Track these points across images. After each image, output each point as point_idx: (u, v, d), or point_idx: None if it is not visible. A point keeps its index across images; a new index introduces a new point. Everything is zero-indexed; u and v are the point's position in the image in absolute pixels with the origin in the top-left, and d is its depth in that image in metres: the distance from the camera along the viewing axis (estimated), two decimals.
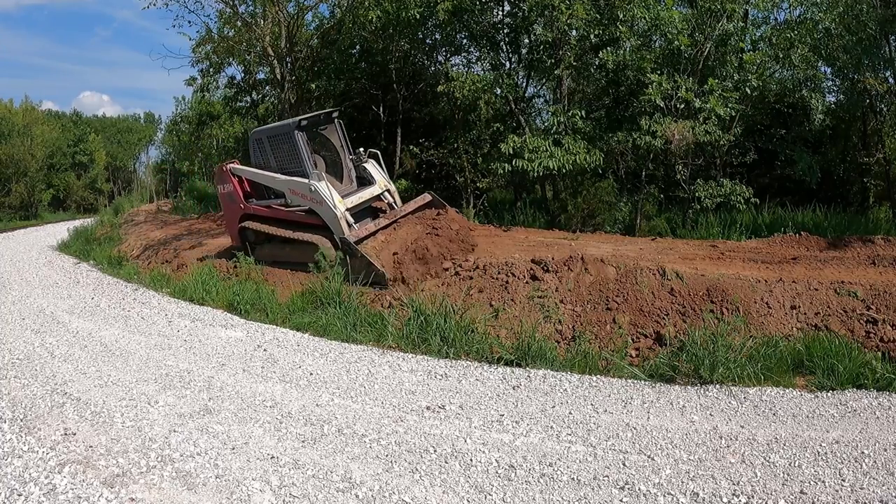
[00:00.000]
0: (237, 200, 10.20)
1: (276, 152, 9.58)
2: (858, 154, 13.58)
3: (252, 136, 10.10)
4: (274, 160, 9.64)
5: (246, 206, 10.12)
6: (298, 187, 9.22)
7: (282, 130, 9.53)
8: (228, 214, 10.56)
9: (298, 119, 9.58)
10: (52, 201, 36.92)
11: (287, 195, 9.42)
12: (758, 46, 12.09)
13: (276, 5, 13.10)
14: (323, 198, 8.95)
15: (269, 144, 9.64)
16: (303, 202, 9.24)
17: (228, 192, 10.30)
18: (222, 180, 10.41)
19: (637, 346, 6.07)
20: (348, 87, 15.38)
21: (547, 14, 10.87)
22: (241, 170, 10.29)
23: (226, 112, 20.68)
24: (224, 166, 10.39)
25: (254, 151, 9.99)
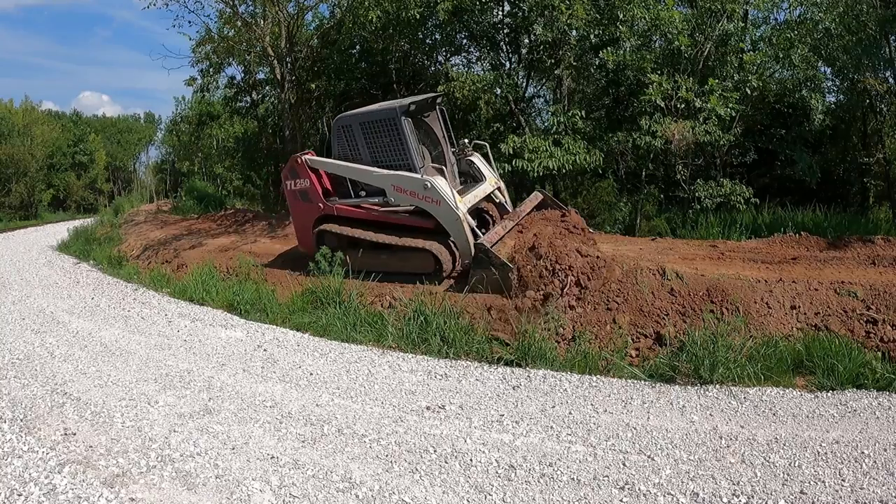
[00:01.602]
0: (315, 199, 8.76)
1: (372, 142, 8.25)
2: (858, 154, 13.60)
3: (337, 123, 8.64)
4: (367, 151, 8.32)
5: (327, 205, 8.70)
6: (408, 184, 7.90)
7: (382, 116, 8.15)
8: (300, 215, 9.11)
9: (407, 102, 8.18)
10: (52, 201, 36.92)
11: (389, 193, 8.12)
12: (758, 46, 12.10)
13: (276, 5, 13.10)
14: (442, 196, 7.72)
15: (363, 132, 8.29)
16: (411, 201, 7.98)
17: (303, 188, 8.84)
18: (295, 174, 8.92)
19: (637, 346, 6.07)
20: (348, 87, 15.37)
21: (547, 14, 10.87)
22: (322, 162, 8.83)
23: (226, 112, 20.68)
24: (299, 158, 8.91)
25: (338, 140, 8.60)
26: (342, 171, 8.55)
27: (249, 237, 12.33)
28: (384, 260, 8.25)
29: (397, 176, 8.01)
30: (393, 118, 7.99)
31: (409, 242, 7.98)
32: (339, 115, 8.87)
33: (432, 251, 7.82)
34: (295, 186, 8.96)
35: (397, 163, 8.11)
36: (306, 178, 8.80)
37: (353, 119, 8.45)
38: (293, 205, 9.20)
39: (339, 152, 8.61)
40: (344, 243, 8.53)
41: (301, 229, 9.24)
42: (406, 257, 8.02)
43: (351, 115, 8.64)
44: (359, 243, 8.45)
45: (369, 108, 8.78)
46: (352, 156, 8.49)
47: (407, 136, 7.95)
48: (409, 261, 7.97)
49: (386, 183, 8.11)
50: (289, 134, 14.40)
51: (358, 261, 8.24)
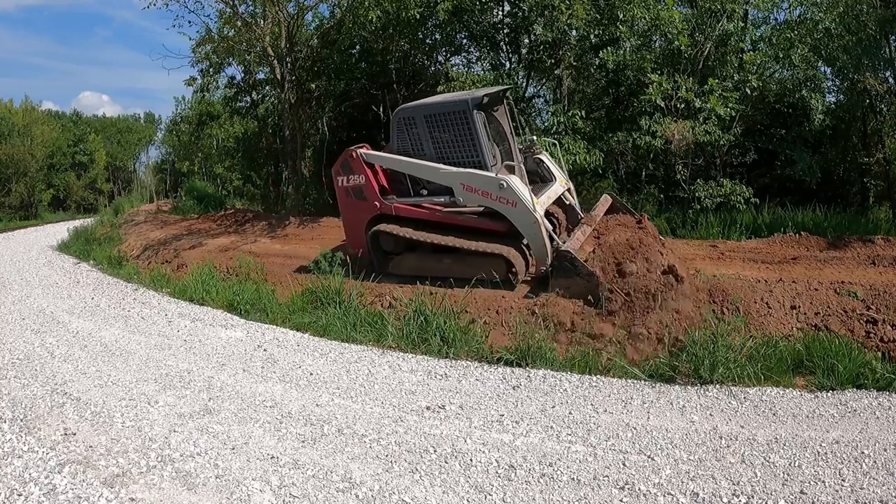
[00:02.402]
0: (370, 197, 8.09)
1: (438, 136, 7.66)
2: (858, 154, 13.60)
3: (398, 115, 8.00)
4: (432, 146, 7.71)
5: (384, 204, 8.04)
6: (480, 183, 7.32)
7: (451, 108, 7.55)
8: (352, 214, 8.39)
9: (480, 94, 7.59)
10: (52, 201, 36.91)
11: (457, 192, 7.50)
12: (758, 46, 12.11)
13: (276, 5, 13.09)
14: (518, 197, 7.12)
15: (427, 126, 7.68)
16: (483, 202, 7.40)
17: (357, 185, 8.17)
18: (349, 170, 8.22)
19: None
20: (348, 87, 15.37)
21: (547, 14, 10.88)
22: (379, 157, 8.16)
23: (226, 112, 20.67)
24: (354, 151, 8.21)
25: (398, 134, 7.98)
26: (403, 167, 7.90)
27: (249, 237, 12.32)
28: (448, 264, 7.61)
29: (468, 174, 7.42)
30: (464, 111, 7.42)
31: (480, 246, 7.36)
32: (401, 107, 8.18)
33: (507, 256, 7.27)
34: (347, 183, 8.25)
35: (466, 160, 7.55)
36: (361, 173, 8.13)
37: (417, 111, 7.80)
38: (344, 203, 8.46)
39: (399, 146, 7.99)
40: (401, 245, 8.01)
41: (352, 229, 8.50)
42: (475, 262, 7.37)
43: (414, 106, 7.98)
44: (417, 246, 7.90)
45: (436, 100, 8.16)
46: (413, 150, 7.87)
47: (478, 130, 7.41)
48: (478, 266, 7.31)
49: (454, 181, 7.50)
50: (289, 134, 14.39)
51: (415, 264, 7.79)
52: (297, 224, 12.72)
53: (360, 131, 16.50)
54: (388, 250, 8.14)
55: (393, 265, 8.09)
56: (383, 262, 8.19)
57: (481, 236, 7.50)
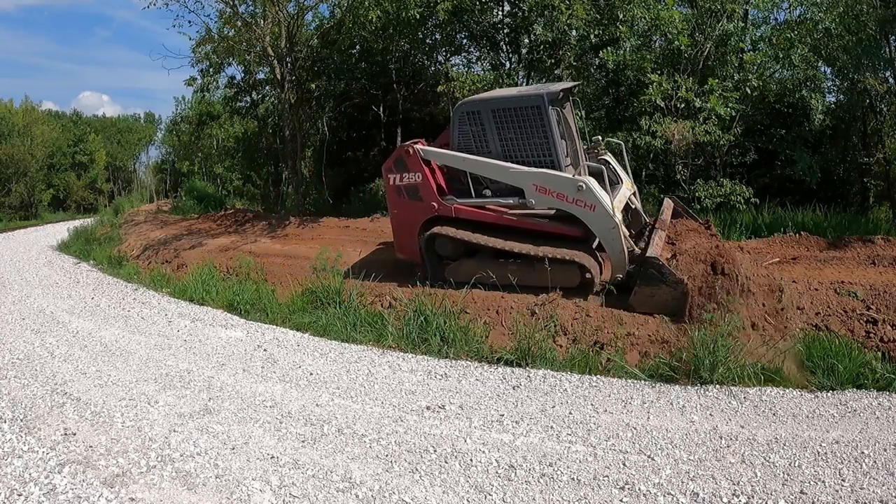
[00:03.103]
0: (428, 197, 7.49)
1: (506, 133, 7.15)
2: (858, 154, 13.61)
3: (461, 109, 7.44)
4: (499, 143, 7.19)
5: (443, 205, 7.46)
6: (556, 184, 6.81)
7: (524, 103, 7.02)
8: (404, 215, 7.76)
9: (557, 89, 7.14)
10: (52, 201, 36.93)
11: (528, 193, 7.00)
12: (758, 46, 12.12)
13: (276, 5, 13.10)
14: (598, 200, 6.68)
15: (495, 121, 7.15)
16: (557, 205, 6.90)
17: (412, 184, 7.56)
18: (403, 167, 7.59)
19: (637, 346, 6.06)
20: (348, 87, 15.39)
21: (547, 14, 10.88)
22: (440, 154, 7.55)
23: (226, 112, 20.68)
24: (411, 147, 7.57)
25: (460, 129, 7.41)
26: (468, 165, 7.32)
27: (249, 237, 12.32)
28: (512, 271, 7.04)
29: (543, 174, 6.91)
30: (538, 106, 6.91)
31: (554, 252, 6.88)
32: (465, 100, 7.64)
33: (584, 263, 6.83)
34: (401, 181, 7.62)
35: (537, 159, 7.05)
36: (418, 171, 7.50)
37: (484, 105, 7.25)
38: (395, 203, 7.81)
39: (461, 143, 7.42)
40: (458, 250, 7.49)
41: (402, 232, 7.85)
42: (545, 269, 6.87)
43: (480, 99, 7.43)
44: (475, 251, 7.44)
45: (505, 93, 7.61)
46: (477, 147, 7.33)
47: (553, 128, 6.92)
48: (549, 273, 6.82)
49: (526, 182, 6.98)
50: (289, 134, 14.40)
51: (474, 271, 7.20)
52: (297, 224, 12.72)
53: (360, 131, 16.53)
54: (443, 255, 7.56)
55: (449, 271, 7.49)
56: (437, 268, 7.63)
57: (549, 241, 7.02)
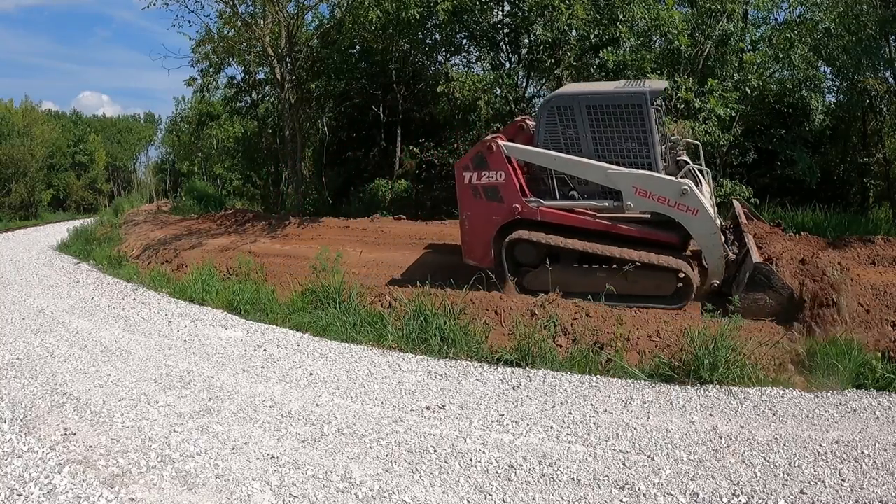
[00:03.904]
0: (510, 198, 6.97)
1: (602, 131, 6.74)
2: (858, 154, 13.62)
3: (551, 103, 6.96)
4: (592, 141, 6.77)
5: (527, 207, 6.97)
6: (657, 187, 6.47)
7: (624, 100, 6.64)
8: (479, 219, 7.18)
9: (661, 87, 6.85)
10: (52, 201, 36.93)
11: (626, 196, 6.62)
12: (758, 46, 12.12)
13: (276, 5, 13.09)
14: (701, 204, 6.44)
15: (590, 117, 6.74)
16: (657, 208, 6.57)
17: (492, 183, 7.00)
18: (483, 165, 7.04)
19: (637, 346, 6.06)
20: (348, 87, 15.38)
21: (547, 14, 10.88)
22: (527, 151, 7.06)
23: (226, 112, 20.68)
24: (493, 142, 7.02)
25: (548, 125, 6.94)
26: (559, 164, 6.85)
27: (249, 237, 12.32)
28: (601, 279, 6.64)
29: (645, 176, 6.55)
30: (639, 104, 6.56)
31: (652, 259, 6.53)
32: (556, 93, 7.12)
33: (682, 270, 6.54)
34: (478, 180, 7.04)
35: (632, 160, 6.70)
36: (501, 170, 6.95)
37: (578, 100, 6.77)
38: (468, 204, 7.21)
39: (548, 140, 6.94)
40: (540, 257, 7.02)
41: (475, 236, 7.27)
42: (639, 277, 6.53)
43: (574, 93, 6.94)
44: (558, 257, 7.00)
45: (601, 88, 7.17)
46: (565, 145, 6.88)
47: (653, 128, 6.60)
48: (642, 281, 6.51)
49: (626, 184, 6.60)
50: (289, 134, 14.39)
51: (558, 279, 6.76)
52: (297, 224, 12.72)
53: (359, 131, 16.52)
54: (522, 262, 7.09)
55: (529, 279, 7.06)
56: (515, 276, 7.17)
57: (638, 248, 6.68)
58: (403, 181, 13.91)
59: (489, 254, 7.25)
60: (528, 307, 6.64)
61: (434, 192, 15.07)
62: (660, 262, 6.57)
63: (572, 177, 6.97)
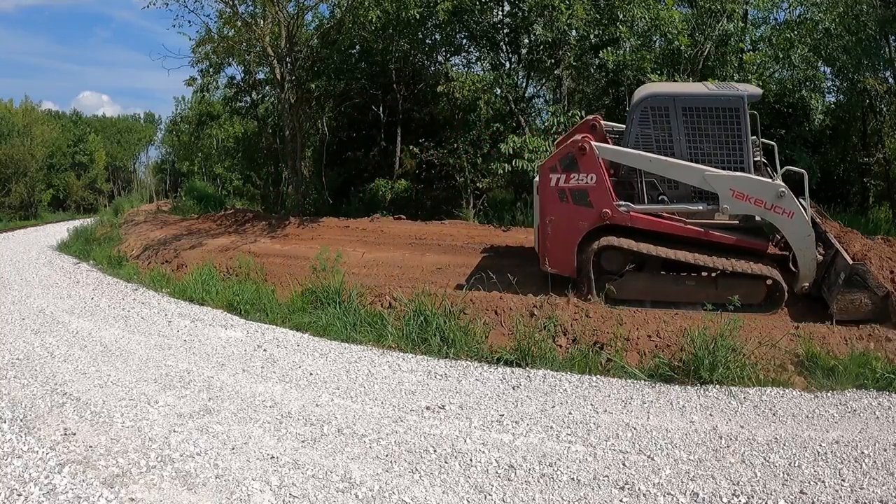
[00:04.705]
0: (599, 202, 6.65)
1: (696, 132, 6.59)
2: (858, 154, 13.62)
3: (645, 102, 6.75)
4: (685, 143, 6.58)
5: (617, 212, 6.65)
6: (755, 189, 6.30)
7: (721, 102, 6.53)
8: (564, 224, 6.83)
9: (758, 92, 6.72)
10: (52, 201, 36.91)
11: (723, 199, 6.41)
12: (758, 46, 12.12)
13: (276, 5, 13.09)
14: (797, 207, 6.33)
15: (685, 118, 6.58)
16: (753, 211, 6.43)
17: (581, 187, 6.67)
18: (574, 166, 6.68)
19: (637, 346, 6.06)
20: (348, 87, 15.38)
21: (547, 14, 10.88)
22: (621, 153, 6.77)
23: (226, 112, 20.68)
24: (586, 143, 6.66)
25: (640, 125, 6.74)
26: (655, 166, 6.61)
27: (249, 237, 12.32)
28: (690, 287, 6.51)
29: (743, 179, 6.37)
30: (736, 107, 6.47)
31: (747, 267, 6.36)
32: (649, 93, 6.87)
33: (774, 277, 6.39)
34: (566, 183, 6.69)
35: (725, 163, 6.55)
36: (592, 172, 6.62)
37: (674, 100, 6.62)
38: (554, 208, 6.83)
39: (639, 140, 6.72)
40: (626, 264, 6.82)
41: (559, 241, 6.89)
42: (728, 285, 6.35)
43: (669, 94, 6.76)
44: (643, 265, 6.81)
45: (695, 89, 7.01)
46: (657, 147, 6.68)
47: (748, 131, 6.50)
48: (732, 289, 6.21)
49: (723, 186, 6.38)
50: (289, 134, 14.39)
51: (646, 287, 6.58)
52: (296, 224, 12.72)
53: (359, 131, 16.52)
54: (607, 270, 6.80)
55: (616, 288, 6.77)
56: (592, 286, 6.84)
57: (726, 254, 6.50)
58: (403, 181, 13.91)
59: (572, 261, 6.89)
60: (528, 307, 6.64)
61: (434, 192, 15.07)
62: (753, 270, 6.39)
63: (662, 180, 6.78)
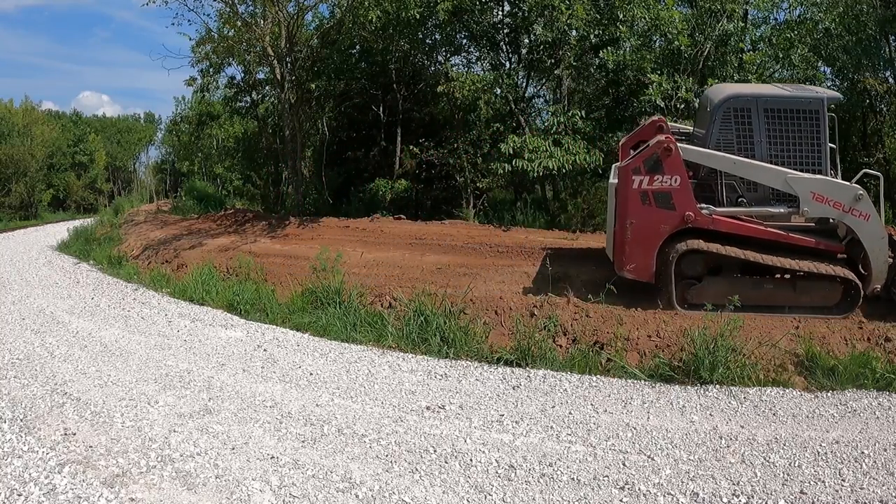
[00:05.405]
0: (682, 205, 6.51)
1: (777, 134, 6.56)
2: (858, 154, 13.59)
3: (729, 103, 6.69)
4: (766, 145, 6.57)
5: (700, 215, 6.54)
6: (835, 192, 6.31)
7: (802, 104, 6.57)
8: (645, 227, 6.66)
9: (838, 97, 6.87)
10: (52, 201, 36.92)
11: (803, 201, 6.39)
12: (758, 46, 12.11)
13: (276, 5, 13.09)
14: (873, 209, 6.41)
15: (766, 120, 6.57)
16: (831, 213, 6.41)
17: (664, 189, 6.53)
18: (658, 168, 6.53)
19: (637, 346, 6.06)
20: (348, 87, 15.37)
21: (547, 14, 10.88)
22: (704, 154, 6.70)
23: (226, 112, 20.67)
24: (672, 143, 6.52)
25: (722, 125, 6.68)
26: (738, 168, 6.56)
27: (249, 237, 12.32)
28: (769, 291, 6.49)
29: (823, 181, 6.38)
30: (817, 110, 6.55)
31: (820, 268, 6.32)
32: (731, 93, 6.82)
33: (850, 279, 6.37)
34: (650, 185, 6.53)
35: (803, 165, 6.56)
36: (676, 174, 6.49)
37: (757, 102, 6.61)
38: (635, 211, 6.64)
39: (721, 141, 6.67)
40: (705, 269, 6.70)
41: (639, 246, 6.70)
42: (806, 288, 6.37)
43: (752, 95, 6.74)
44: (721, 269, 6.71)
45: (776, 91, 6.99)
46: (738, 148, 6.64)
47: (826, 133, 6.58)
48: (809, 292, 6.34)
49: (804, 189, 6.36)
50: (289, 134, 14.39)
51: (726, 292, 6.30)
52: (296, 224, 12.72)
53: (360, 131, 16.51)
54: (688, 275, 6.69)
55: (696, 293, 6.62)
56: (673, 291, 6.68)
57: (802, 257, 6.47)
58: (403, 181, 13.90)
59: (651, 265, 6.72)
60: (528, 307, 6.64)
61: (434, 192, 15.06)
62: (837, 273, 6.36)
63: (742, 181, 6.75)
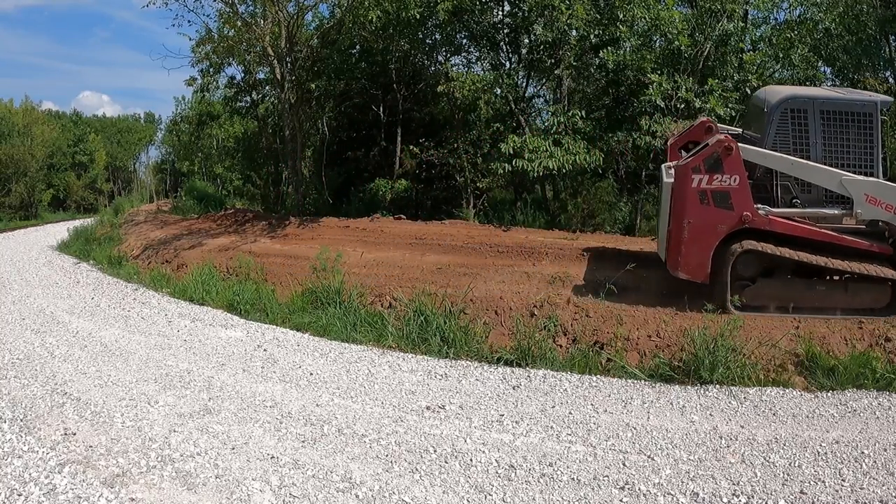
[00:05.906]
0: (739, 205, 6.44)
1: (833, 136, 6.60)
2: None
3: (786, 104, 6.71)
4: (822, 147, 6.61)
5: (757, 215, 6.47)
6: (888, 194, 6.33)
7: (857, 107, 6.59)
8: (702, 227, 6.54)
9: (891, 101, 6.90)
10: (52, 201, 36.95)
11: (857, 203, 6.39)
12: (758, 46, 12.11)
13: (276, 5, 13.08)
14: None
15: (822, 122, 6.61)
16: (884, 216, 6.41)
17: (723, 189, 6.44)
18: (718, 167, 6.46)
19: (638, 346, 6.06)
20: (348, 87, 15.37)
21: (547, 14, 10.87)
22: (762, 154, 6.67)
23: (226, 112, 20.68)
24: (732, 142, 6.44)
25: (779, 126, 6.70)
26: (795, 169, 6.57)
27: (249, 237, 12.32)
28: (822, 293, 6.46)
29: (877, 184, 6.40)
30: (871, 113, 6.56)
31: (871, 270, 6.29)
32: (788, 94, 6.86)
33: None
34: (709, 184, 6.45)
35: (855, 167, 6.59)
36: (736, 174, 6.42)
37: (814, 103, 6.66)
38: (693, 210, 6.55)
39: (777, 142, 6.69)
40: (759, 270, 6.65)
41: (695, 245, 6.58)
42: (857, 290, 6.38)
43: (808, 96, 6.81)
44: (774, 271, 6.64)
45: (831, 93, 7.07)
46: (794, 149, 6.67)
47: (880, 136, 6.64)
48: (859, 294, 6.36)
49: (858, 191, 6.37)
50: (289, 134, 14.39)
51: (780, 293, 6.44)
52: (297, 224, 12.72)
53: (360, 131, 16.51)
54: (743, 276, 6.62)
55: (750, 295, 6.54)
56: (726, 291, 6.55)
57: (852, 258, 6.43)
58: (403, 181, 13.89)
59: (706, 266, 6.58)
60: (528, 307, 6.64)
61: (434, 192, 15.06)
62: (881, 273, 6.31)
63: (797, 182, 6.76)
